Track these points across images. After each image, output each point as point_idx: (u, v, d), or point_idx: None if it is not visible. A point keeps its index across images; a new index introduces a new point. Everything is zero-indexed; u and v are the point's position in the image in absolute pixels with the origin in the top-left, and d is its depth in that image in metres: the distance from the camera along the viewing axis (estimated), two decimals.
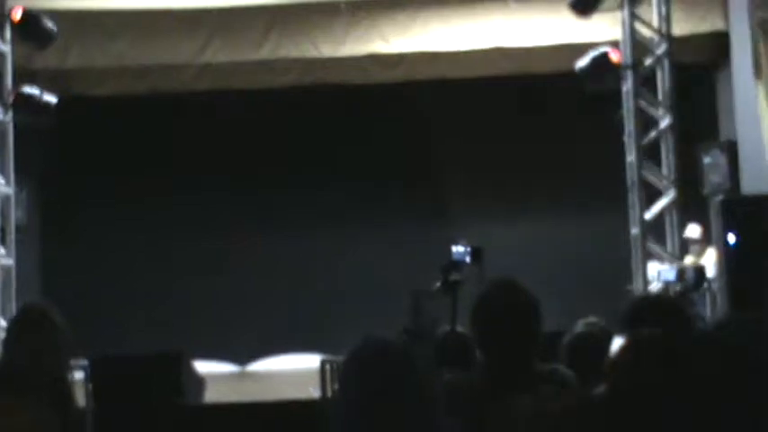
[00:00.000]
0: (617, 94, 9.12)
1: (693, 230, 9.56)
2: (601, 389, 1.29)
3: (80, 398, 7.09)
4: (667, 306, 3.81)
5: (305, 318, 11.17)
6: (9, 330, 3.78)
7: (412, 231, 11.49)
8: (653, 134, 9.12)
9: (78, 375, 7.31)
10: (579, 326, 4.82)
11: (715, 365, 1.16)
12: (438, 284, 3.71)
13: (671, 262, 8.78)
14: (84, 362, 7.39)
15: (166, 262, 11.48)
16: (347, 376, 2.25)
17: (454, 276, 3.72)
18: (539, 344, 3.11)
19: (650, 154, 9.15)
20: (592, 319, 4.87)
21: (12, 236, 9.09)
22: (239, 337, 11.43)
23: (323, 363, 7.64)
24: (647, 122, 9.15)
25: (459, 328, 3.76)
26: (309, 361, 9.70)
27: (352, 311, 10.44)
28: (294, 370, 10.69)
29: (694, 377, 1.15)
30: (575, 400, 2.98)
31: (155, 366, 7.67)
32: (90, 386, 7.37)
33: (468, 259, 3.76)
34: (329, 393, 7.18)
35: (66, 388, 3.58)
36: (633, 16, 9.04)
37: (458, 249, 3.79)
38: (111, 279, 11.28)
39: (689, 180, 9.40)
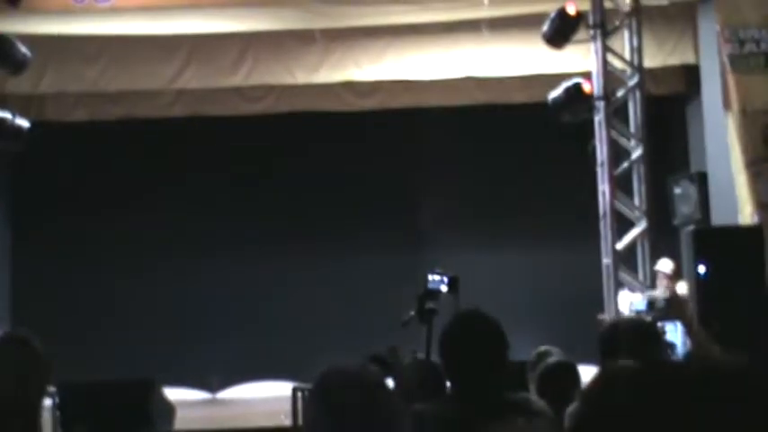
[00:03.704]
0: (589, 124, 9.21)
1: (665, 265, 9.54)
2: (570, 420, 1.30)
3: (48, 425, 7.03)
4: (644, 330, 3.84)
5: (278, 345, 11.12)
6: None
7: (387, 259, 11.49)
8: (625, 164, 9.21)
9: (46, 402, 7.23)
10: (534, 355, 4.85)
11: (686, 399, 1.17)
12: (412, 313, 3.72)
13: (642, 291, 8.83)
14: (53, 388, 7.31)
15: (137, 288, 11.40)
16: (312, 405, 2.26)
17: (430, 305, 3.73)
18: (507, 372, 3.12)
19: (622, 184, 9.22)
20: (545, 347, 4.90)
21: None
22: (210, 364, 11.36)
23: (294, 390, 7.61)
24: (618, 153, 9.24)
25: (434, 357, 3.77)
26: (281, 388, 9.66)
27: (326, 338, 10.40)
28: (266, 397, 10.64)
29: (665, 410, 1.16)
30: (545, 429, 2.99)
31: (124, 393, 7.60)
32: (58, 413, 7.29)
33: (443, 288, 3.77)
34: (301, 421, 7.14)
35: (32, 417, 3.54)
36: (605, 48, 9.15)
37: (433, 278, 3.80)
38: (81, 304, 11.19)
39: (660, 210, 9.47)
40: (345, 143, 11.49)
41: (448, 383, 3.30)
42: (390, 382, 2.43)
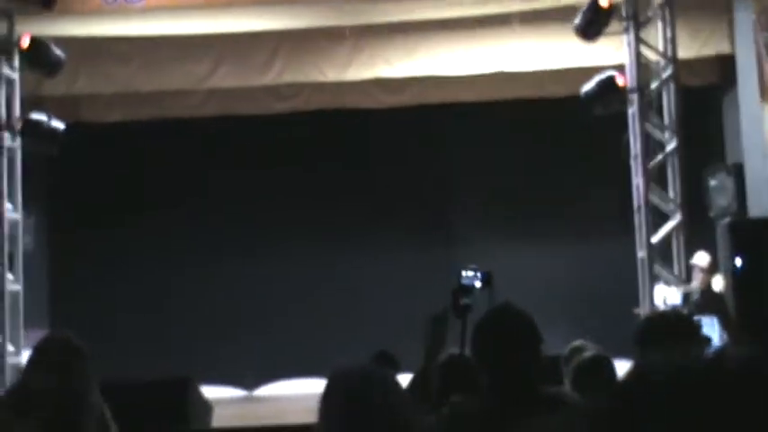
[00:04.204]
0: (623, 117, 9.14)
1: (702, 258, 9.41)
2: (601, 412, 1.29)
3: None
4: (681, 324, 3.80)
5: (312, 342, 11.15)
6: (32, 355, 3.81)
7: (421, 255, 11.49)
8: (659, 157, 9.13)
9: None
10: (568, 349, 4.83)
11: (719, 397, 1.15)
12: (447, 309, 3.73)
13: (678, 285, 8.75)
14: None
15: (174, 287, 11.49)
16: (322, 405, 2.31)
17: (464, 300, 3.73)
18: (540, 368, 3.11)
19: (657, 177, 9.15)
20: (579, 342, 4.88)
21: (20, 261, 9.11)
22: (246, 362, 11.42)
23: None
24: (653, 145, 9.16)
25: (468, 353, 3.76)
26: (316, 385, 9.68)
27: (359, 335, 10.42)
28: (301, 394, 10.67)
29: (697, 406, 1.15)
30: (575, 424, 2.98)
31: (162, 392, 7.65)
32: None
33: (477, 284, 3.77)
34: None
35: (76, 411, 3.59)
36: (638, 40, 9.07)
37: (467, 274, 3.80)
38: (117, 304, 11.29)
39: (695, 203, 9.38)
40: (376, 140, 11.50)
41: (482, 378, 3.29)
42: (400, 378, 2.46)
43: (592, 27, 8.87)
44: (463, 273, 3.79)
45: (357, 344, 9.61)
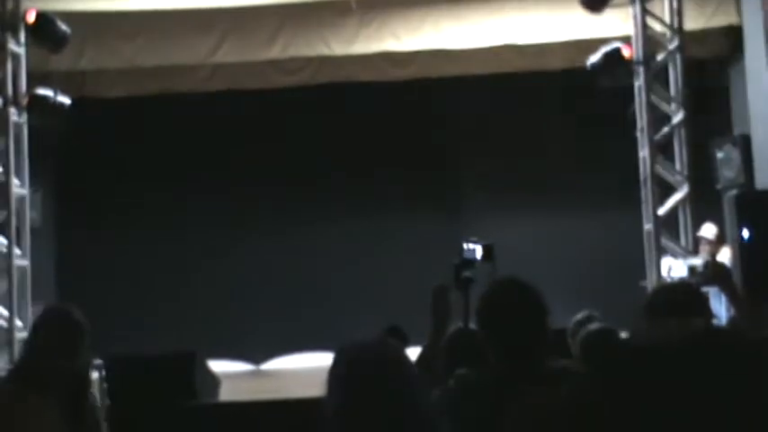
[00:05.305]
0: (629, 89, 9.10)
1: (708, 230, 9.42)
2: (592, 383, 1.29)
3: (96, 397, 7.14)
4: (689, 297, 3.80)
5: (319, 315, 11.19)
6: (32, 329, 3.87)
7: (426, 228, 11.50)
8: (666, 129, 9.10)
9: (94, 375, 7.36)
10: (574, 321, 4.83)
11: (714, 367, 1.16)
12: (449, 282, 3.73)
13: (684, 257, 8.75)
14: (100, 361, 7.43)
15: (181, 261, 11.52)
16: (328, 379, 2.31)
17: (466, 274, 3.73)
18: (547, 340, 3.12)
19: (663, 149, 9.13)
20: (586, 312, 4.88)
21: (27, 237, 9.14)
22: (254, 336, 11.47)
23: None
24: (659, 118, 9.13)
25: (472, 326, 3.77)
26: (324, 359, 9.73)
27: (366, 308, 10.46)
28: (308, 368, 10.73)
29: (679, 379, 1.15)
30: (574, 396, 2.99)
31: (169, 366, 7.70)
32: (105, 385, 7.41)
33: (478, 257, 3.77)
34: None
35: (83, 386, 3.63)
36: (645, 11, 9.02)
37: (469, 247, 3.79)
38: (125, 279, 11.33)
39: (702, 175, 9.36)
40: (383, 113, 11.48)
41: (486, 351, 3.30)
42: (409, 353, 2.46)
43: None
44: (464, 246, 3.78)
45: (365, 317, 9.65)
